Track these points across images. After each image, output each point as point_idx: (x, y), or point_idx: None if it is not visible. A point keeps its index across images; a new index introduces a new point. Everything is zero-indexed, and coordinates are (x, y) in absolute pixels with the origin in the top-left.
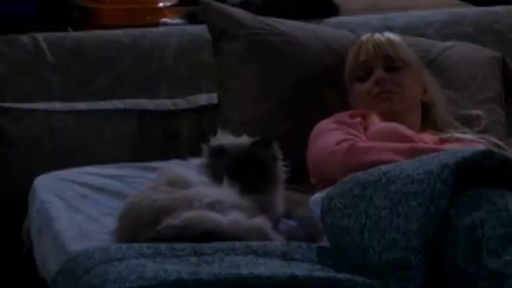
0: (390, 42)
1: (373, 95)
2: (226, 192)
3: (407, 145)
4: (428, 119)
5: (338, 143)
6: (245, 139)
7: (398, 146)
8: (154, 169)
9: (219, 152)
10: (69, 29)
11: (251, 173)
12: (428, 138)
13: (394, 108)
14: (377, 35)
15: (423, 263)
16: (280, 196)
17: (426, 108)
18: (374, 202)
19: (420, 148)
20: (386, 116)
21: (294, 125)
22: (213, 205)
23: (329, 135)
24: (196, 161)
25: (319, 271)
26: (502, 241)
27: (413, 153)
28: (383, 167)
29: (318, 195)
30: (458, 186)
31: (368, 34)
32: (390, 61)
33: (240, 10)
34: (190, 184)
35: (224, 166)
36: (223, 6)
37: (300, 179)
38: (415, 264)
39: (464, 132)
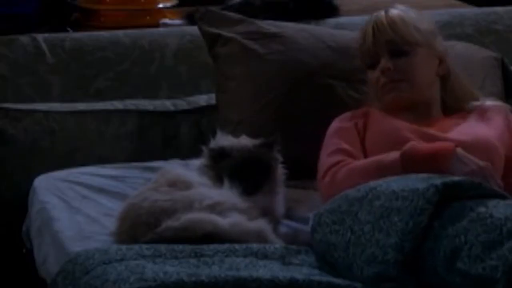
0: (393, 23)
1: (380, 85)
2: (226, 194)
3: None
4: (446, 92)
5: (324, 174)
6: (244, 140)
7: (365, 166)
8: (153, 170)
9: (220, 154)
10: (69, 29)
11: (255, 175)
12: (436, 128)
13: (404, 96)
14: (379, 16)
15: (403, 275)
16: (281, 198)
17: (444, 81)
18: (359, 217)
19: (387, 163)
20: (397, 105)
21: (291, 123)
22: (213, 207)
23: (324, 152)
24: (196, 162)
25: (318, 276)
26: (486, 246)
27: (380, 170)
28: (372, 183)
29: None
30: (443, 202)
31: (374, 14)
32: (394, 46)
33: (233, 14)
34: (190, 185)
35: (227, 168)
36: (217, 12)
37: (299, 175)
38: (395, 276)
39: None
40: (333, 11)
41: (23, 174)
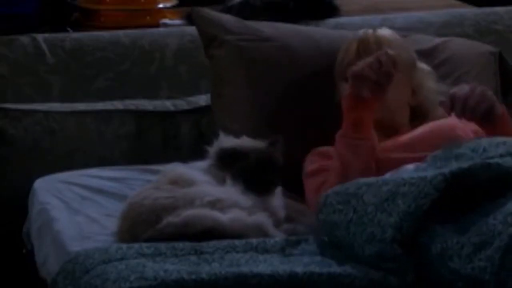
0: (378, 44)
1: None
2: (227, 191)
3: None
4: (415, 121)
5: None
6: (245, 141)
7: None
8: (153, 172)
9: (231, 155)
10: (69, 29)
11: (270, 175)
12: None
13: (375, 117)
14: (366, 35)
15: (402, 255)
16: (281, 199)
17: (414, 111)
18: (364, 199)
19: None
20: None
21: (288, 127)
22: (214, 204)
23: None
24: (198, 164)
25: (319, 264)
26: (476, 247)
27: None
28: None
29: None
30: (452, 199)
31: (360, 32)
32: None
33: (229, 16)
34: (192, 183)
35: (242, 169)
36: (212, 13)
37: (299, 177)
38: (393, 255)
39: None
40: (333, 11)
41: (23, 174)
